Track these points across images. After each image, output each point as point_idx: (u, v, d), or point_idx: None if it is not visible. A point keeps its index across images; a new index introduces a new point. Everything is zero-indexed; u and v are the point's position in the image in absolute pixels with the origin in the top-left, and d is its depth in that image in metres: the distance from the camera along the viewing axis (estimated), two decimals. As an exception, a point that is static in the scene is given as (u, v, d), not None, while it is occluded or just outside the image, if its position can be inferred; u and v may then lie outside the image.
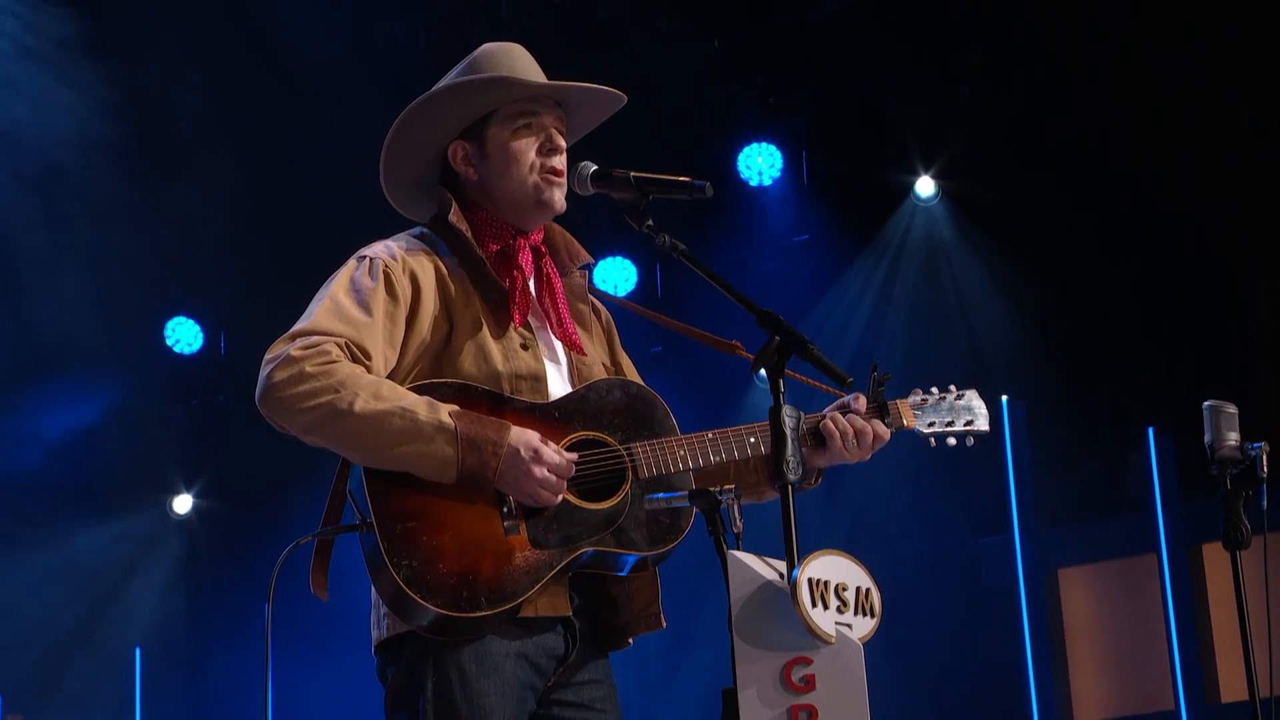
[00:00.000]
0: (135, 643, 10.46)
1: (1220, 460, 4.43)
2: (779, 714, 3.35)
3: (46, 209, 9.51)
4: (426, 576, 3.48)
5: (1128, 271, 8.54)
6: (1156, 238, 8.46)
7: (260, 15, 9.04)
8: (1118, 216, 8.53)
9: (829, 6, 9.11)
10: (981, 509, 8.98)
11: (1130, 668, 8.80)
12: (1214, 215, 8.27)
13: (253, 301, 9.39)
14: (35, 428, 9.97)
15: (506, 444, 3.51)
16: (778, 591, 3.37)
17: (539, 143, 3.78)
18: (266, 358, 3.55)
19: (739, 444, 3.72)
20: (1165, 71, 8.24)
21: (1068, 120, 8.62)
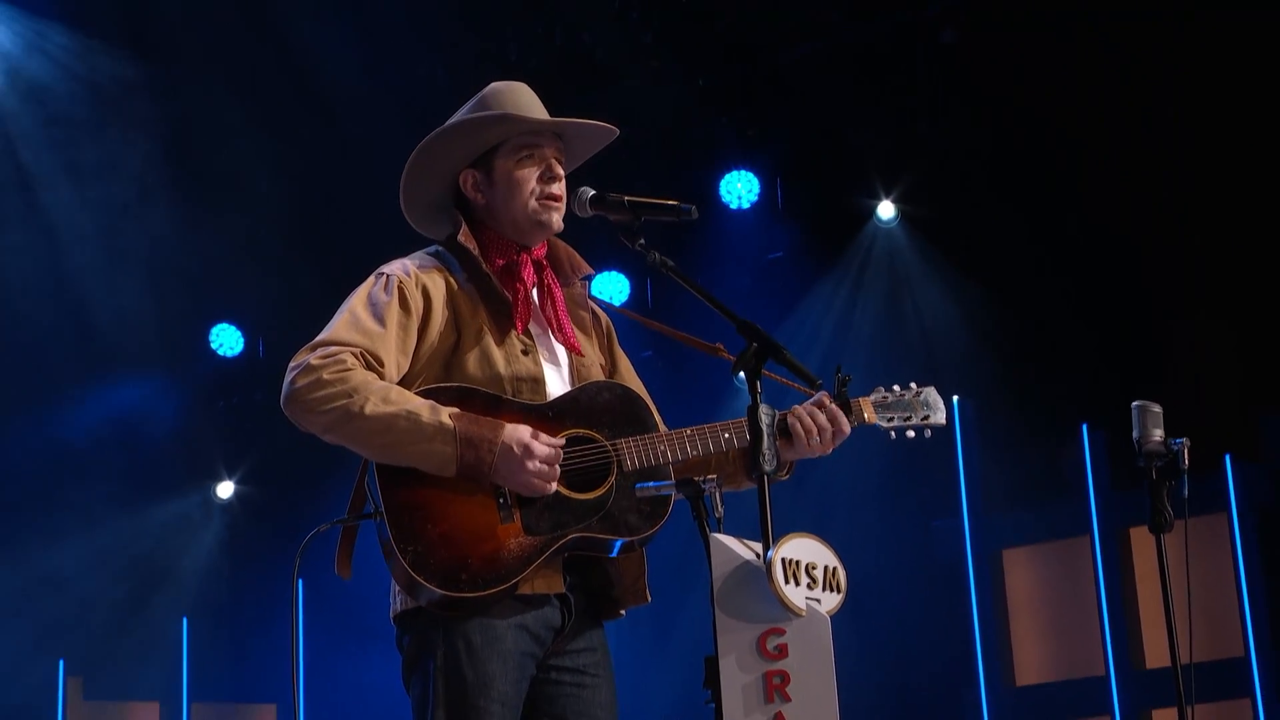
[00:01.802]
0: (183, 613, 10.45)
1: (1147, 454, 4.43)
2: (755, 679, 3.33)
3: (107, 228, 9.52)
4: (429, 560, 3.49)
5: (1065, 284, 8.56)
6: (1090, 256, 8.48)
7: (299, 57, 9.05)
8: (1055, 237, 8.54)
9: (801, 50, 9.10)
10: (934, 496, 8.98)
11: (1066, 637, 8.79)
12: (1140, 238, 8.28)
13: (288, 310, 9.38)
14: (94, 420, 9.96)
15: (501, 441, 3.51)
16: (755, 570, 3.36)
17: (540, 171, 3.78)
18: (290, 365, 3.57)
19: (714, 440, 3.72)
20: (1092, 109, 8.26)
21: (1010, 151, 8.64)
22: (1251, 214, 8.08)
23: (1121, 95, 8.21)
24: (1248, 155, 8.02)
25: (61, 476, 9.77)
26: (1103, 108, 8.27)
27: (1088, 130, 8.34)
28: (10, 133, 9.30)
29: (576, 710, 3.65)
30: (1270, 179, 7.97)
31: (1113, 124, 8.27)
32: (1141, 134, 8.23)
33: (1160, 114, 8.17)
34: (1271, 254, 8.03)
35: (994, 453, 8.86)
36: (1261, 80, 7.89)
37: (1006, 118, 8.59)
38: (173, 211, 9.52)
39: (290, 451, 9.50)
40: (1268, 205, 8.01)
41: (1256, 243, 8.07)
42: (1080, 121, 8.34)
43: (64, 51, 9.18)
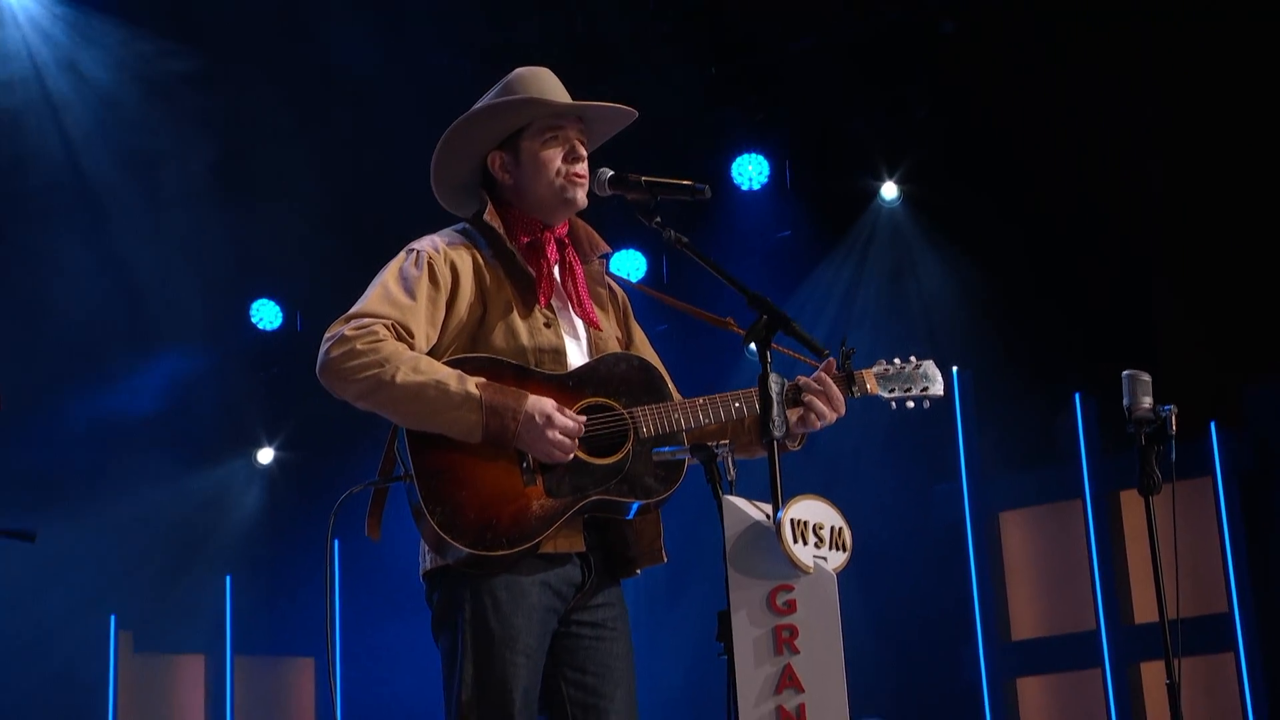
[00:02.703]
0: (226, 571, 10.47)
1: (1136, 420, 4.44)
2: (765, 632, 3.33)
3: (155, 209, 9.53)
4: (456, 521, 3.48)
5: (1058, 261, 8.54)
6: (1083, 233, 8.45)
7: (332, 52, 9.07)
8: (1049, 215, 8.52)
9: (808, 40, 9.08)
10: (934, 461, 8.98)
11: (1059, 594, 8.79)
12: (1130, 218, 8.27)
13: (324, 286, 9.37)
14: (142, 390, 9.99)
15: (524, 410, 3.50)
16: (765, 530, 3.35)
17: (564, 151, 3.77)
18: (325, 336, 3.57)
19: (726, 408, 3.71)
20: (1081, 94, 8.24)
21: (1005, 135, 8.62)
22: (1235, 196, 8.05)
23: (1108, 79, 8.20)
24: (1231, 142, 7.99)
25: (113, 443, 9.79)
26: (1091, 92, 8.26)
27: (1078, 114, 8.33)
28: (65, 124, 9.31)
29: (596, 661, 3.65)
30: (1253, 164, 7.94)
31: (1101, 108, 8.25)
32: (1128, 118, 8.22)
33: (1146, 98, 8.16)
34: (1254, 233, 8.02)
35: (991, 420, 8.85)
36: (1243, 61, 7.85)
37: (1001, 103, 8.57)
38: (216, 196, 9.53)
39: (326, 419, 9.50)
40: (1251, 188, 7.99)
41: (1240, 222, 8.04)
42: (1070, 105, 8.34)
43: (115, 45, 9.19)
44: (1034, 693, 8.82)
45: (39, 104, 9.22)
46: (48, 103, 9.25)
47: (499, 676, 3.48)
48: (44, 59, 9.18)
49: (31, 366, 8.32)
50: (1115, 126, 8.26)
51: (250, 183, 9.63)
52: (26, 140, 9.14)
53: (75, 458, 9.53)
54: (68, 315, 9.42)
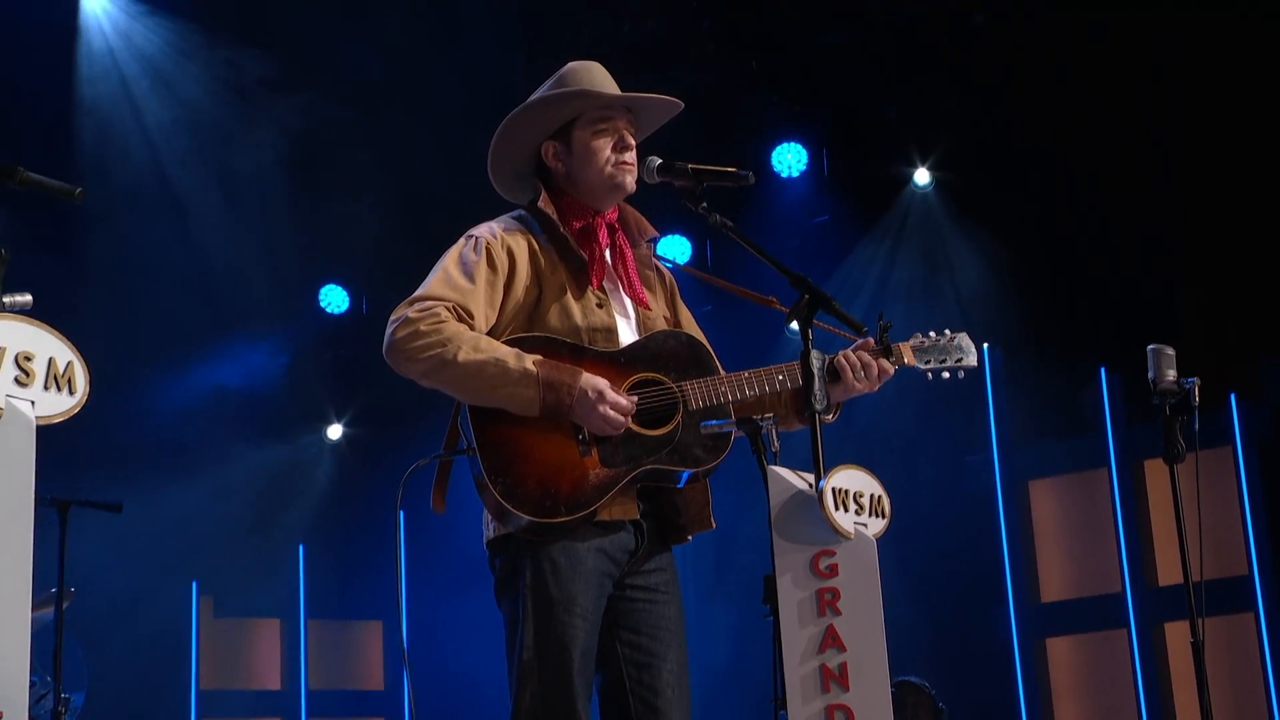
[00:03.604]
0: (299, 541, 10.53)
1: (1161, 392, 4.41)
2: (809, 595, 3.33)
3: (230, 202, 9.58)
4: (517, 490, 3.50)
5: (1084, 241, 8.48)
6: (1107, 215, 8.39)
7: (394, 51, 9.09)
8: (1075, 198, 8.46)
9: (844, 34, 9.04)
10: (966, 434, 8.94)
11: (1086, 558, 8.74)
12: (1152, 200, 8.20)
13: (387, 271, 9.41)
14: (219, 371, 10.05)
15: (578, 386, 3.51)
16: (808, 498, 3.35)
17: (613, 141, 3.77)
18: (391, 319, 3.59)
19: (770, 381, 3.70)
20: (1104, 81, 8.18)
21: (1032, 121, 8.56)
22: (1251, 182, 7.98)
23: (1128, 68, 8.12)
24: (1248, 126, 7.92)
25: (194, 422, 9.86)
26: (1112, 79, 8.18)
27: (1102, 100, 8.26)
28: (145, 121, 9.38)
29: (649, 624, 3.66)
30: (1269, 148, 7.86)
31: (1122, 94, 8.18)
32: (1149, 104, 8.15)
33: (1165, 84, 8.08)
34: (1270, 216, 7.94)
35: (1020, 394, 8.81)
36: (1261, 46, 7.77)
37: (1028, 91, 8.51)
38: (286, 187, 9.57)
39: (391, 397, 9.55)
40: (1267, 174, 7.91)
41: (1256, 206, 7.97)
42: (1093, 92, 8.27)
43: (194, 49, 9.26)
44: (1062, 652, 8.79)
45: (124, 106, 9.30)
46: (131, 105, 9.33)
47: (558, 638, 3.49)
48: (128, 64, 9.26)
49: (120, 351, 8.38)
50: (1136, 112, 8.19)
51: (318, 176, 9.66)
52: (113, 140, 9.23)
53: (159, 435, 9.60)
54: (152, 303, 9.49)
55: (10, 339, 2.65)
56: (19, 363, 2.65)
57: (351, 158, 9.59)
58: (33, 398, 2.66)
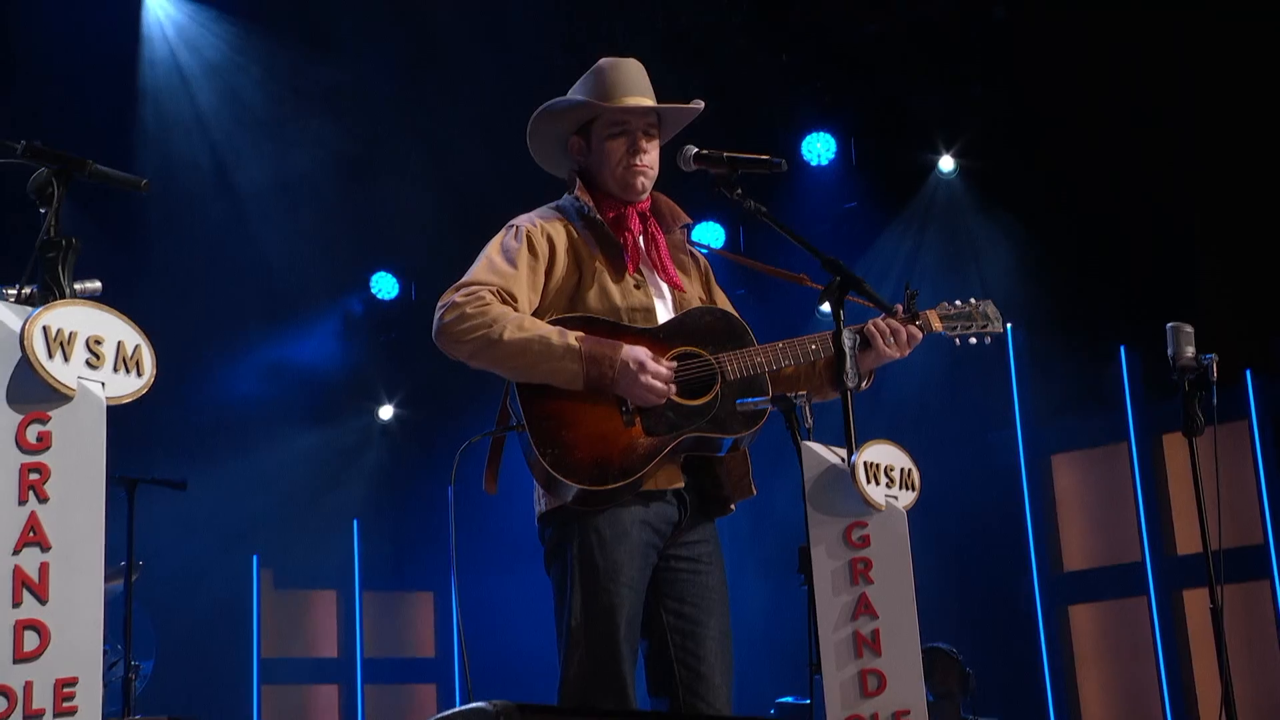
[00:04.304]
0: (353, 516, 10.56)
1: (1180, 368, 4.39)
2: (842, 564, 3.32)
3: (285, 193, 9.61)
4: (567, 461, 3.50)
5: (1103, 224, 8.42)
6: (1126, 200, 8.32)
7: (441, 44, 9.09)
8: (1095, 182, 8.39)
9: (871, 28, 9.00)
10: (991, 411, 8.90)
11: (1107, 529, 8.70)
12: (1169, 185, 8.14)
13: (435, 259, 9.42)
14: (277, 355, 10.09)
15: (620, 358, 3.52)
16: (841, 471, 3.35)
17: (627, 144, 3.77)
18: (439, 304, 3.61)
19: (804, 350, 3.70)
20: (1121, 69, 8.11)
21: (1052, 109, 8.50)
22: (1265, 169, 7.90)
23: (1144, 55, 8.05)
24: (1261, 114, 7.84)
25: (253, 403, 9.89)
26: (1129, 68, 8.11)
27: (1119, 87, 8.19)
28: (204, 118, 9.42)
29: (694, 593, 3.66)
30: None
31: (1139, 81, 8.11)
32: (1166, 91, 8.08)
33: (1181, 71, 8.01)
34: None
35: (1043, 373, 8.76)
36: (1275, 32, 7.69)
37: (1048, 80, 8.45)
38: (339, 178, 9.59)
39: (439, 379, 9.58)
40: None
41: (1272, 185, 7.90)
42: (1110, 81, 8.20)
43: (252, 48, 9.30)
44: (1085, 619, 8.75)
45: (184, 104, 9.34)
46: (191, 103, 9.37)
47: (605, 606, 3.50)
48: (187, 63, 9.30)
49: (183, 336, 8.41)
50: (1152, 98, 8.12)
51: (369, 168, 9.68)
52: (174, 136, 9.28)
53: (220, 416, 9.65)
54: (212, 290, 9.53)
55: (81, 324, 2.66)
56: (90, 346, 2.66)
57: (401, 150, 9.61)
58: (103, 379, 2.68)
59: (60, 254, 2.74)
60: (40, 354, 2.59)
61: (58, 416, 2.61)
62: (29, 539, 2.54)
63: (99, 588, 2.61)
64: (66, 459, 2.59)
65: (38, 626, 2.52)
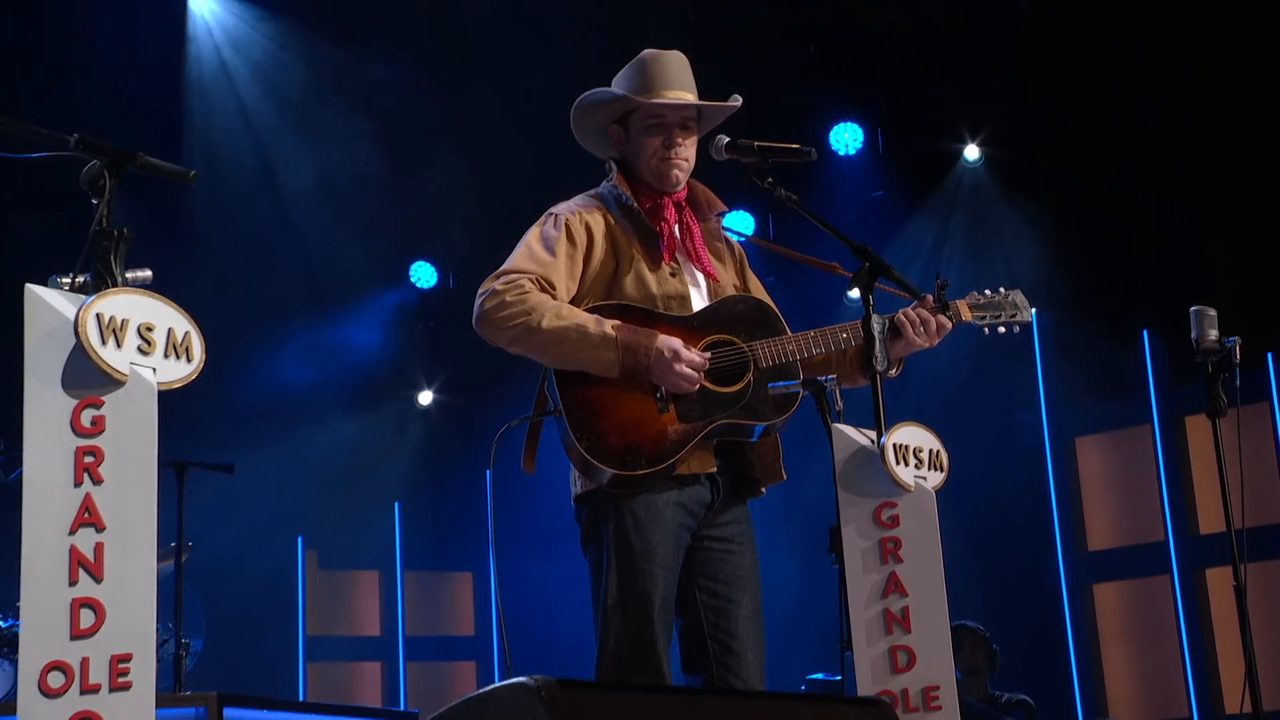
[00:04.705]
0: (395, 498, 10.59)
1: (1204, 351, 4.37)
2: (873, 544, 3.32)
3: (325, 186, 9.64)
4: (602, 446, 3.50)
5: (1126, 210, 8.37)
6: (1147, 186, 8.26)
7: (477, 39, 9.10)
8: (1117, 170, 8.34)
9: (896, 19, 8.96)
10: (1016, 394, 8.86)
11: (1131, 509, 8.65)
12: (1189, 171, 8.08)
13: (472, 249, 9.42)
14: (319, 342, 10.11)
15: (654, 347, 3.51)
16: (871, 453, 3.34)
17: (663, 138, 3.76)
18: (479, 291, 3.61)
19: (835, 339, 3.69)
20: (1143, 58, 8.05)
21: (1075, 97, 8.45)
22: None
23: (1161, 44, 8.00)
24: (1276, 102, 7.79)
25: (297, 389, 9.92)
26: (1147, 57, 8.06)
27: (1137, 75, 8.13)
28: (247, 108, 9.46)
29: (726, 572, 3.66)
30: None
31: (1157, 70, 8.05)
32: (1183, 79, 8.03)
33: (1197, 60, 7.95)
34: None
35: (1067, 356, 8.72)
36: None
37: (1069, 70, 8.40)
38: (378, 171, 9.62)
39: (476, 366, 9.60)
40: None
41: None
42: (1129, 69, 8.15)
43: (294, 44, 9.34)
44: (1109, 597, 8.71)
45: (228, 98, 9.39)
46: (235, 97, 9.41)
47: (639, 585, 3.50)
48: (231, 59, 9.35)
49: (229, 323, 8.45)
50: (1172, 86, 8.07)
51: (408, 160, 9.69)
52: (219, 130, 9.32)
53: (266, 402, 9.68)
54: (257, 279, 9.57)
55: (133, 311, 2.68)
56: (141, 333, 2.68)
57: (439, 142, 9.62)
58: (154, 365, 2.69)
59: (112, 244, 2.75)
60: (94, 340, 2.61)
61: (111, 401, 2.62)
62: (84, 520, 2.56)
63: (152, 567, 2.63)
64: (120, 442, 2.61)
65: (93, 604, 2.54)
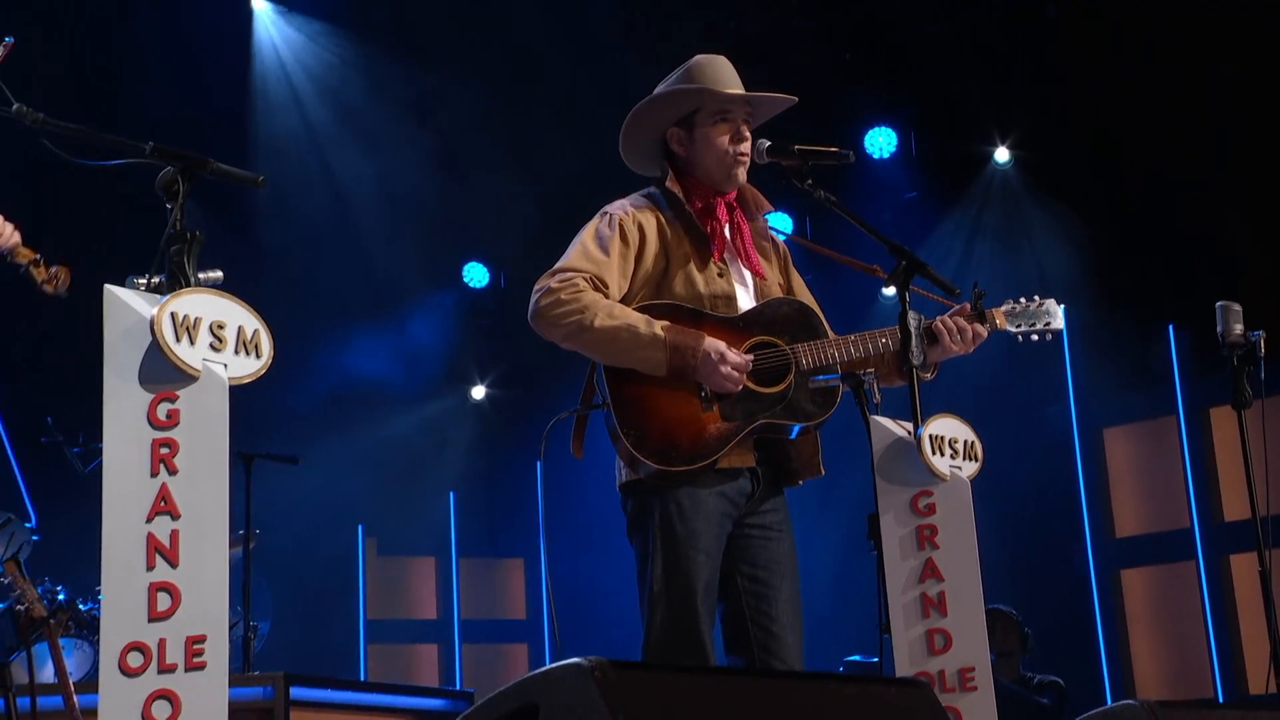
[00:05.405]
0: (449, 488, 10.63)
1: (1229, 344, 4.34)
2: (910, 531, 3.31)
3: (383, 190, 9.69)
4: (647, 441, 3.51)
5: (1151, 209, 8.30)
6: (1172, 186, 8.19)
7: (528, 48, 9.12)
8: (1143, 169, 8.28)
9: (929, 28, 8.93)
10: (1046, 387, 8.81)
11: (1158, 497, 8.59)
12: (1214, 170, 8.01)
13: (522, 250, 9.44)
14: (378, 341, 10.16)
15: (701, 349, 3.51)
16: (908, 444, 3.33)
17: (731, 133, 3.74)
18: (535, 288, 3.60)
19: (874, 343, 3.68)
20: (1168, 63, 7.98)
21: (1102, 101, 8.39)
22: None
23: (1187, 45, 7.93)
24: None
25: (357, 384, 9.97)
26: (1172, 58, 7.99)
27: (1164, 80, 8.07)
28: (308, 116, 9.52)
29: (765, 558, 3.66)
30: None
31: (1182, 71, 7.98)
32: (1211, 79, 7.95)
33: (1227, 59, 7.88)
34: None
35: (1096, 351, 8.66)
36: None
37: (1097, 74, 8.35)
38: (433, 175, 9.65)
39: (527, 361, 9.62)
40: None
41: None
42: (1155, 71, 8.08)
43: (355, 58, 9.39)
44: (1136, 582, 8.65)
45: (291, 108, 9.45)
46: (298, 106, 9.47)
47: (683, 571, 3.50)
48: (294, 71, 9.42)
49: (293, 321, 8.51)
50: (1196, 91, 7.99)
51: (462, 164, 9.72)
52: (282, 138, 9.38)
53: (328, 396, 9.74)
54: (319, 279, 9.63)
55: (205, 310, 2.70)
56: (213, 331, 2.70)
57: (491, 148, 9.64)
58: (225, 361, 2.71)
59: (185, 246, 2.77)
60: (169, 338, 2.63)
61: (185, 395, 2.65)
62: (160, 508, 2.58)
63: (224, 553, 2.65)
64: (193, 435, 2.64)
65: (169, 588, 2.56)
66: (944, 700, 3.00)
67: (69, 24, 8.52)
